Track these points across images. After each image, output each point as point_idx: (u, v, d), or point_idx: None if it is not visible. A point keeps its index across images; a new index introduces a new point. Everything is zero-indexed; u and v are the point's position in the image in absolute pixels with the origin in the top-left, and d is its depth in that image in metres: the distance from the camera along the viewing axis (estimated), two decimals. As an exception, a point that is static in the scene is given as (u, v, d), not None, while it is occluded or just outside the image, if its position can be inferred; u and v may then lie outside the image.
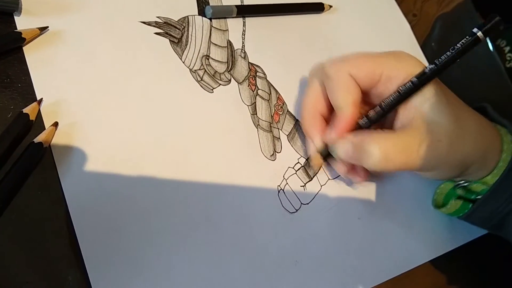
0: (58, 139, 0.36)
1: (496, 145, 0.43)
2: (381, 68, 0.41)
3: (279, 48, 0.49)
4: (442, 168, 0.41)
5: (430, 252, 0.48)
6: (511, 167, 0.42)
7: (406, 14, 0.63)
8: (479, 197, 0.44)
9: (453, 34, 0.68)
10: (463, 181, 0.45)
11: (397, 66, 0.41)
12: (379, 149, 0.38)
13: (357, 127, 0.41)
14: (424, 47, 0.62)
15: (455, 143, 0.40)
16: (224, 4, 0.47)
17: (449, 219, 0.50)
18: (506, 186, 0.42)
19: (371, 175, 0.45)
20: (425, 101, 0.40)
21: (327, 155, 0.43)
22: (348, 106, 0.40)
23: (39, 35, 0.38)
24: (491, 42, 0.71)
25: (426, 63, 0.40)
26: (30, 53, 0.37)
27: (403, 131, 0.40)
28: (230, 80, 0.44)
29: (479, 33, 0.38)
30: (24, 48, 0.37)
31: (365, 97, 0.43)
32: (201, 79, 0.43)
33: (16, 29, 0.37)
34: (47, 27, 0.38)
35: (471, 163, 0.42)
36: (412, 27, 0.62)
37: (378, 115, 0.41)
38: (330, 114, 0.44)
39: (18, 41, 0.36)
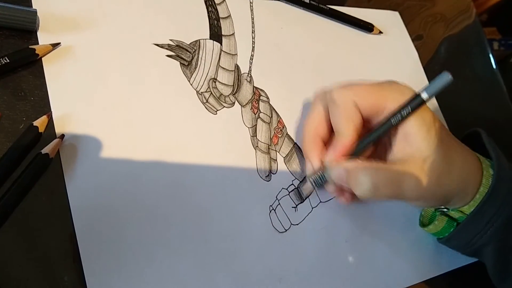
0: (66, 149, 0.36)
1: (477, 178, 0.42)
2: (385, 101, 0.40)
3: (284, 73, 0.48)
4: (426, 200, 0.41)
5: (414, 276, 0.47)
6: (483, 203, 0.42)
7: (412, 35, 0.62)
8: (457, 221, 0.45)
9: (458, 56, 0.67)
10: (442, 207, 0.45)
11: (399, 100, 0.40)
12: (370, 179, 0.38)
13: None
14: (427, 69, 0.60)
15: (442, 179, 0.40)
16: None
17: (435, 245, 0.49)
18: (479, 218, 0.42)
19: (357, 200, 0.44)
20: (417, 138, 0.39)
21: (321, 177, 0.42)
22: (349, 133, 0.40)
23: (51, 51, 0.38)
24: (493, 57, 0.69)
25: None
26: (45, 68, 0.37)
27: (394, 164, 0.40)
28: (234, 102, 0.44)
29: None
30: (39, 63, 0.37)
31: (367, 124, 0.42)
32: (207, 101, 0.42)
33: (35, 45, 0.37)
34: (59, 43, 0.38)
35: (454, 196, 0.42)
36: (418, 49, 0.61)
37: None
38: (329, 137, 0.43)
39: (32, 56, 0.36)
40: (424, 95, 0.38)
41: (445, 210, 0.45)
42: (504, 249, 0.43)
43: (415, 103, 0.39)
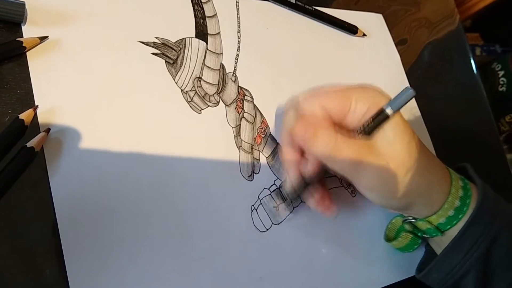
0: (51, 143, 0.37)
1: (444, 187, 0.44)
2: (349, 101, 0.41)
3: (269, 73, 0.50)
4: (382, 192, 0.42)
5: (393, 275, 0.49)
6: (464, 230, 0.43)
7: (396, 39, 0.64)
8: (425, 235, 0.46)
9: (441, 61, 0.69)
10: (410, 217, 0.46)
11: (363, 97, 0.41)
12: (331, 135, 0.40)
13: None
14: (410, 73, 0.63)
15: (401, 171, 0.41)
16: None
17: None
18: (460, 248, 0.43)
19: (338, 209, 0.46)
20: (385, 127, 0.41)
21: (299, 187, 0.44)
22: None
23: (39, 44, 0.39)
24: (475, 63, 0.72)
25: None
26: (31, 61, 0.38)
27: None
28: (218, 102, 0.46)
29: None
30: (25, 55, 0.38)
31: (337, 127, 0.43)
32: (191, 100, 0.44)
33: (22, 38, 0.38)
34: (47, 36, 0.39)
35: (415, 198, 0.43)
36: (402, 53, 0.64)
37: None
38: None
39: (19, 49, 0.38)
40: (389, 110, 0.40)
41: (413, 220, 0.46)
42: (483, 280, 0.44)
43: (380, 117, 0.40)
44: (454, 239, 0.43)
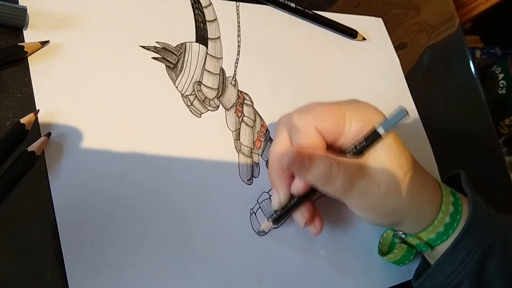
0: (52, 147, 0.38)
1: (434, 204, 0.44)
2: (344, 123, 0.41)
3: (269, 77, 0.51)
4: (373, 212, 0.43)
5: (391, 279, 0.50)
6: (457, 242, 0.43)
7: (396, 42, 0.65)
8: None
9: (440, 64, 0.70)
10: (400, 232, 0.46)
11: (358, 119, 0.41)
12: (326, 163, 0.39)
13: None
14: (410, 77, 0.63)
15: (392, 193, 0.41)
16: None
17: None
18: (452, 259, 0.43)
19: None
20: (377, 148, 0.41)
21: (290, 207, 0.43)
22: None
23: (40, 49, 0.39)
24: (474, 66, 0.72)
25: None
26: (32, 65, 0.39)
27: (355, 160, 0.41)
28: (218, 106, 0.46)
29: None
30: (27, 60, 0.39)
31: (331, 146, 0.43)
32: (191, 104, 0.45)
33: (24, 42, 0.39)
34: (48, 41, 0.40)
35: (405, 216, 0.43)
36: (402, 56, 0.64)
37: None
38: None
39: (20, 53, 0.38)
40: (381, 130, 0.40)
41: (403, 236, 0.46)
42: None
43: (372, 137, 0.40)
44: (447, 250, 0.43)
